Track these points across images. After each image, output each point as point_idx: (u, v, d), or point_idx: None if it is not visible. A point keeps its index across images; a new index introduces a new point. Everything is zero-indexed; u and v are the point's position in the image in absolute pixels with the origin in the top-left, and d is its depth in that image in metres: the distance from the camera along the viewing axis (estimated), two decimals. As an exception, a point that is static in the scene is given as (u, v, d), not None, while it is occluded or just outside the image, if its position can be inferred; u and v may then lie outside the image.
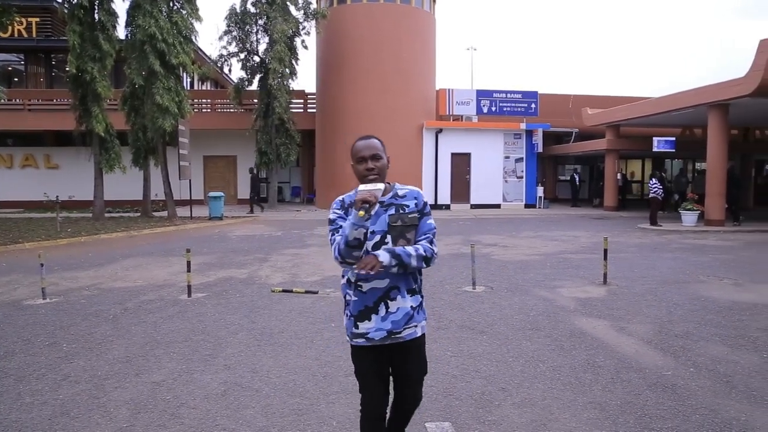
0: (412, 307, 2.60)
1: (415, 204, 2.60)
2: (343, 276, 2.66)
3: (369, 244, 2.50)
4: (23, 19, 25.25)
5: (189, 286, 7.42)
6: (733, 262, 10.23)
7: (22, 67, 28.05)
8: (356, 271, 2.47)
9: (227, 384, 4.27)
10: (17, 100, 25.23)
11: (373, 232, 2.51)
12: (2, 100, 15.95)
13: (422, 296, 2.69)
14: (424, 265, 2.55)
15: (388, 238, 2.53)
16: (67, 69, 16.97)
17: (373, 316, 2.55)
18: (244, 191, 27.77)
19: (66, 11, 16.99)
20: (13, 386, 4.24)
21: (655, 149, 20.33)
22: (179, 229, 16.61)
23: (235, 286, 8.13)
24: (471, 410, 3.79)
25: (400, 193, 2.62)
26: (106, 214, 19.25)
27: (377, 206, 2.45)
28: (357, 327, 2.58)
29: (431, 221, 2.65)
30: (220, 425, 3.58)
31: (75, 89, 17.34)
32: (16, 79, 28.27)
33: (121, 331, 5.73)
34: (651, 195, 17.64)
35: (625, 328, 5.77)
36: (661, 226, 16.62)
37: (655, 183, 17.64)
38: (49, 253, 10.30)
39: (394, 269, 2.47)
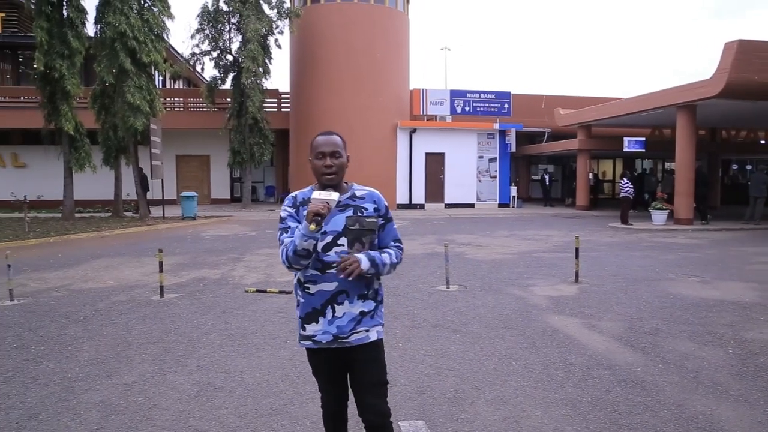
0: (362, 312, 2.51)
1: (375, 208, 2.54)
2: (295, 275, 2.59)
3: (319, 245, 2.43)
4: (-12, 15, 24.65)
5: (161, 287, 7.33)
6: (700, 260, 10.47)
7: (-12, 63, 27.37)
8: (338, 275, 2.40)
9: (200, 385, 4.24)
10: (-17, 98, 24.62)
11: (324, 233, 2.43)
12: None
13: (378, 301, 2.61)
14: (392, 272, 2.57)
15: (342, 239, 2.45)
16: (35, 66, 16.60)
17: (321, 319, 2.49)
18: (217, 191, 27.53)
19: (33, 7, 16.59)
20: (-21, 390, 4.15)
21: (625, 149, 20.72)
22: (151, 229, 16.38)
23: (208, 286, 8.05)
24: (444, 408, 3.82)
25: (358, 194, 2.55)
26: (77, 214, 18.89)
27: (333, 210, 2.42)
28: (304, 329, 2.53)
29: (395, 226, 2.66)
30: (192, 426, 3.54)
31: (43, 87, 16.96)
32: (-19, 76, 27.58)
33: (92, 333, 5.64)
34: (622, 194, 17.96)
35: (596, 326, 5.87)
36: (631, 225, 16.93)
37: (626, 182, 17.96)
38: (17, 254, 10.06)
39: (369, 276, 2.47)
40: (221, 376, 4.43)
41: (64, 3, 16.70)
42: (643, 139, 21.00)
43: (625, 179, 18.25)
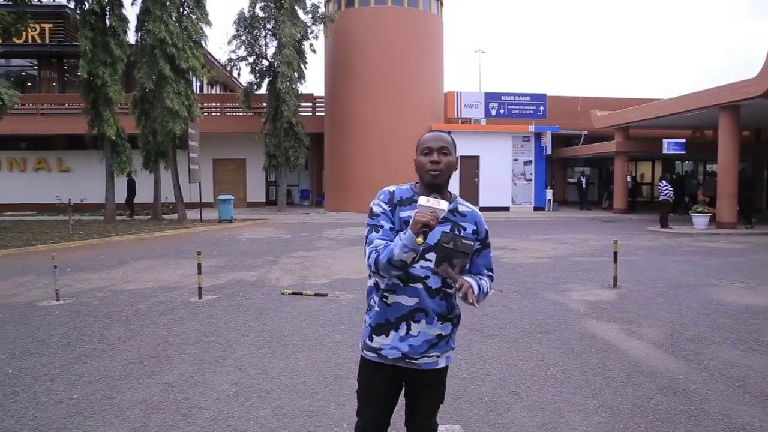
0: (439, 335, 2.31)
1: (474, 231, 2.33)
2: (370, 277, 2.38)
3: None
4: (36, 26, 25.47)
5: (200, 288, 7.46)
6: (745, 265, 10.16)
7: (36, 72, 28.34)
8: (459, 297, 2.16)
9: (238, 385, 4.30)
10: (30, 105, 25.48)
11: None
12: (16, 105, 16.08)
13: (455, 324, 2.39)
14: (482, 301, 2.30)
15: (431, 254, 2.21)
16: (79, 74, 17.16)
17: (392, 333, 2.28)
18: (253, 194, 27.90)
19: (78, 17, 17.17)
20: (29, 385, 4.30)
21: (665, 151, 20.22)
22: (189, 231, 16.70)
23: (245, 288, 8.17)
24: (481, 413, 3.80)
25: (460, 209, 2.34)
26: (117, 217, 19.40)
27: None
28: (371, 339, 2.32)
29: (491, 254, 2.46)
30: (231, 426, 3.60)
31: (87, 93, 17.51)
32: (29, 84, 28.56)
33: (134, 333, 5.78)
34: (661, 197, 17.54)
35: (635, 332, 5.75)
36: (671, 228, 16.53)
37: (666, 185, 17.54)
38: (62, 255, 10.37)
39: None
40: (259, 377, 4.49)
41: (107, 12, 17.23)
42: (684, 140, 20.44)
43: (664, 182, 17.80)
